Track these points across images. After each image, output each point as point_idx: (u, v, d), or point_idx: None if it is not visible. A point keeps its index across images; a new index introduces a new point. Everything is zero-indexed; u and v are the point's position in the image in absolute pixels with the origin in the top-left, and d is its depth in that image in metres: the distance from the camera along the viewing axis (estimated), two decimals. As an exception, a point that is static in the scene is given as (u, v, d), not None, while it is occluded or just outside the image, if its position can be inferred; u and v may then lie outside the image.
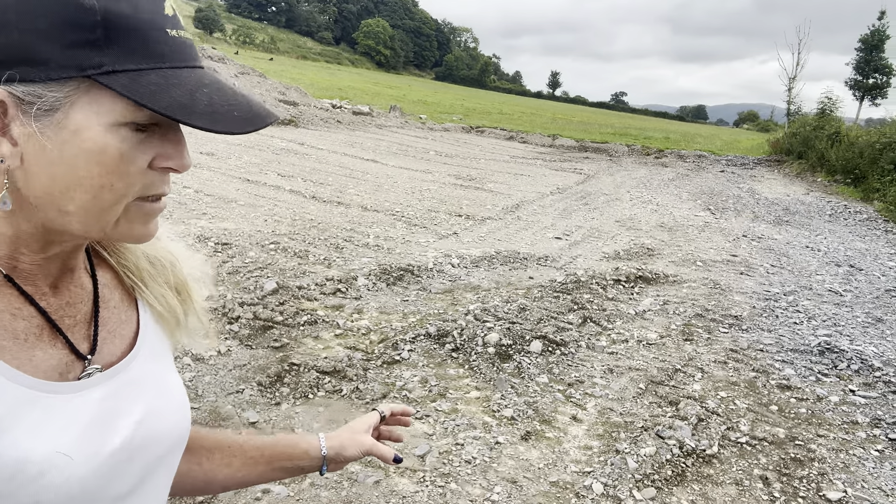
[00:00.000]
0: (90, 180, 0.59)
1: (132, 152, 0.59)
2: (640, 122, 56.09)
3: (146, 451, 0.70)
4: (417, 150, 15.50)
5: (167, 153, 0.62)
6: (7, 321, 0.62)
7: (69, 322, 0.68)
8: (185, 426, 0.77)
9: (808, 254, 8.18)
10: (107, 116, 0.58)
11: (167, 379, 0.77)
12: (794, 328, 5.24)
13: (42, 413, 0.60)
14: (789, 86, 28.78)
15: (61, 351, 0.66)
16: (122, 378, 0.70)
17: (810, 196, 14.40)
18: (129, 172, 0.60)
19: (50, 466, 0.59)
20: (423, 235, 7.14)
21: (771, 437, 3.43)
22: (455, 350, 4.09)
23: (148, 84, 0.57)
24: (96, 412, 0.65)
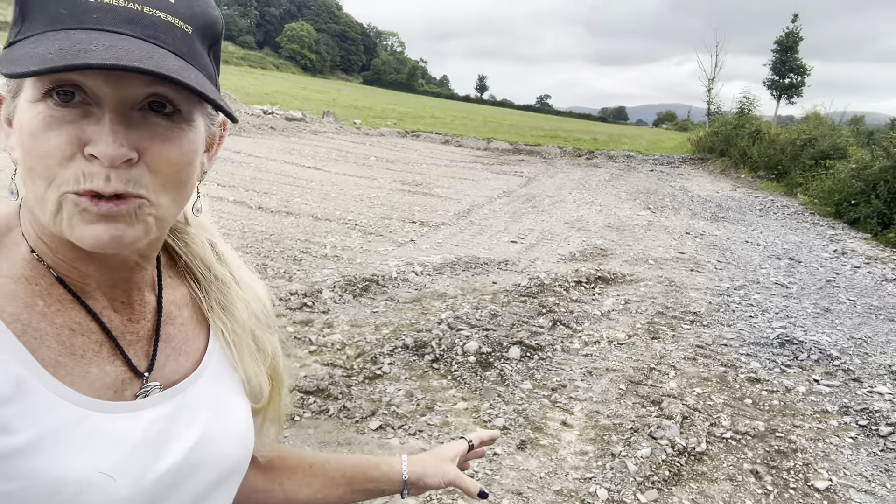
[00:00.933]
0: (23, 162, 0.57)
1: (44, 130, 0.54)
2: (567, 123, 57.49)
3: (196, 477, 0.67)
4: (357, 155, 15.30)
5: (93, 138, 0.54)
6: (66, 337, 0.61)
7: (131, 339, 0.66)
8: (242, 454, 0.73)
9: (749, 248, 8.55)
10: (28, 93, 0.56)
11: (229, 403, 0.73)
12: (750, 322, 5.44)
13: (87, 432, 0.59)
14: (709, 86, 30.22)
15: (119, 368, 0.64)
16: (180, 399, 0.68)
17: (738, 192, 15.12)
18: (42, 153, 0.54)
19: (88, 486, 0.57)
20: (381, 244, 7.02)
21: (752, 431, 3.53)
22: (435, 361, 4.02)
23: (20, 48, 0.54)
24: (147, 434, 0.63)
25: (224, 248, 0.79)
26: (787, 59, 28.41)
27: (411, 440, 3.15)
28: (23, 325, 0.58)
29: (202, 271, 0.76)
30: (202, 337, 0.74)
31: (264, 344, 0.78)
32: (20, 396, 0.55)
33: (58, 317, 0.61)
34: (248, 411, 0.76)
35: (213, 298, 0.75)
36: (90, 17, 0.54)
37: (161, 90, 0.57)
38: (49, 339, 0.59)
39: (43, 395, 0.57)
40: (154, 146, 0.57)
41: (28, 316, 0.59)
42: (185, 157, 0.60)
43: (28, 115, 0.55)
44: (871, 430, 3.65)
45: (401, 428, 3.25)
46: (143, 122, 0.57)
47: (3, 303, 0.58)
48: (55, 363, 0.59)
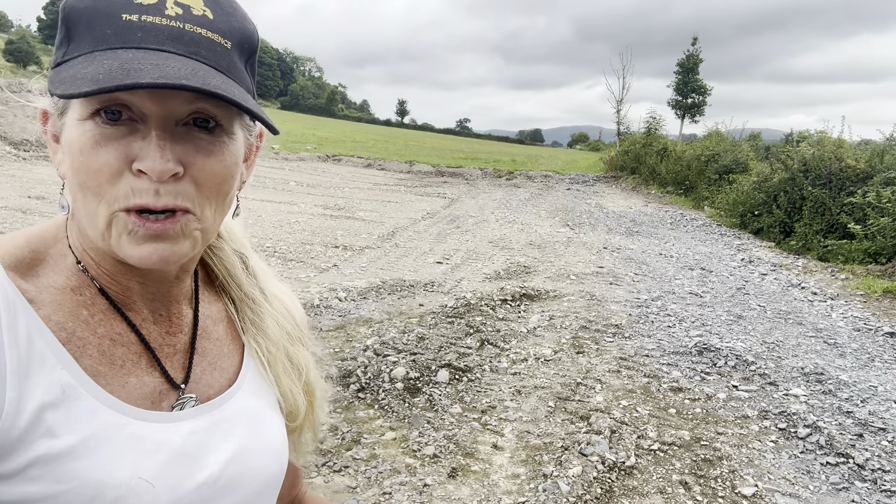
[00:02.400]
0: (73, 179, 0.59)
1: (93, 147, 0.56)
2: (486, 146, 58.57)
3: (233, 490, 0.68)
4: (276, 180, 14.93)
5: (141, 154, 0.57)
6: (107, 347, 0.63)
7: (168, 351, 0.68)
8: (277, 469, 0.74)
9: (663, 260, 8.85)
10: (76, 112, 0.58)
11: (265, 418, 0.75)
12: (669, 332, 5.58)
13: (128, 439, 0.60)
14: (618, 108, 31.54)
15: (157, 379, 0.66)
16: (217, 414, 0.69)
17: (649, 207, 15.74)
18: (93, 169, 0.57)
19: (129, 491, 0.58)
20: (302, 270, 6.80)
21: (678, 441, 3.57)
22: (361, 390, 3.87)
23: (69, 68, 0.55)
24: (185, 444, 0.65)
25: (254, 261, 0.82)
26: (688, 80, 30.05)
27: (336, 477, 2.99)
28: (68, 333, 0.61)
29: (234, 288, 0.78)
30: (237, 354, 0.75)
31: (298, 359, 0.81)
32: (65, 402, 0.58)
33: (100, 327, 0.63)
34: (282, 427, 0.77)
35: (245, 317, 0.77)
36: (135, 37, 0.56)
37: (203, 106, 0.59)
38: (91, 348, 0.62)
39: (87, 401, 0.59)
40: (198, 160, 0.59)
41: (73, 325, 0.61)
42: (228, 170, 0.63)
43: (77, 133, 0.57)
44: (790, 432, 3.77)
45: (325, 465, 3.08)
46: (187, 137, 0.59)
47: (51, 311, 0.60)
48: (96, 372, 0.61)
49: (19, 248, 0.63)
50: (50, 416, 0.57)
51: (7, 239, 0.64)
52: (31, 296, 0.60)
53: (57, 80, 0.55)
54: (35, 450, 0.56)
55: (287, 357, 0.79)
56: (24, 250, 0.63)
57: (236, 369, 0.75)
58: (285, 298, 0.83)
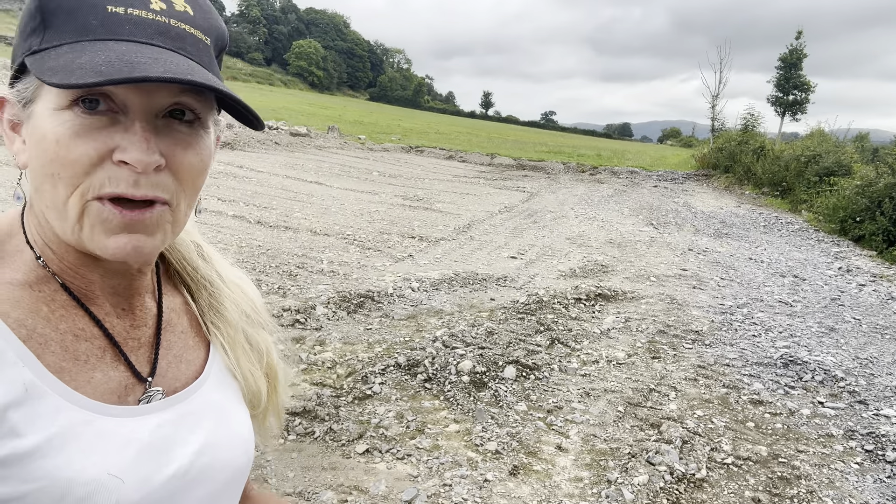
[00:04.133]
0: (42, 170, 0.57)
1: (71, 137, 0.56)
2: (571, 140, 57.56)
3: (202, 483, 0.68)
4: (360, 170, 15.27)
5: (123, 145, 0.56)
6: (70, 342, 0.62)
7: (133, 345, 0.67)
8: (245, 461, 0.74)
9: (752, 266, 8.42)
10: (51, 101, 0.57)
11: (231, 410, 0.74)
12: (753, 341, 5.31)
13: (96, 435, 0.60)
14: (713, 103, 30.18)
15: (123, 373, 0.65)
16: (184, 406, 0.69)
17: (742, 209, 14.99)
18: (70, 159, 0.56)
19: (99, 487, 0.58)
20: (379, 259, 6.93)
21: (755, 456, 3.40)
22: (428, 380, 3.91)
23: (56, 56, 0.54)
24: (152, 438, 0.64)
25: (208, 248, 0.82)
26: (791, 76, 28.33)
27: (399, 465, 3.04)
28: (27, 330, 0.59)
29: (190, 274, 0.78)
30: (202, 346, 0.75)
31: (257, 342, 0.79)
32: (28, 400, 0.57)
33: (62, 322, 0.62)
34: (248, 419, 0.77)
35: (203, 301, 0.77)
36: (123, 29, 0.56)
37: (186, 100, 0.59)
38: (53, 344, 0.61)
39: (50, 398, 0.58)
40: (178, 152, 0.60)
41: (32, 321, 0.60)
42: (204, 163, 0.63)
43: (52, 123, 0.56)
44: (877, 455, 3.51)
45: (388, 452, 3.14)
46: (167, 130, 0.59)
47: (8, 308, 0.59)
48: (59, 368, 0.60)
49: None
50: (13, 415, 0.55)
51: None
52: None
53: (45, 69, 0.53)
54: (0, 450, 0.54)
55: (246, 339, 0.78)
56: None
57: (202, 362, 0.74)
58: (241, 283, 0.83)
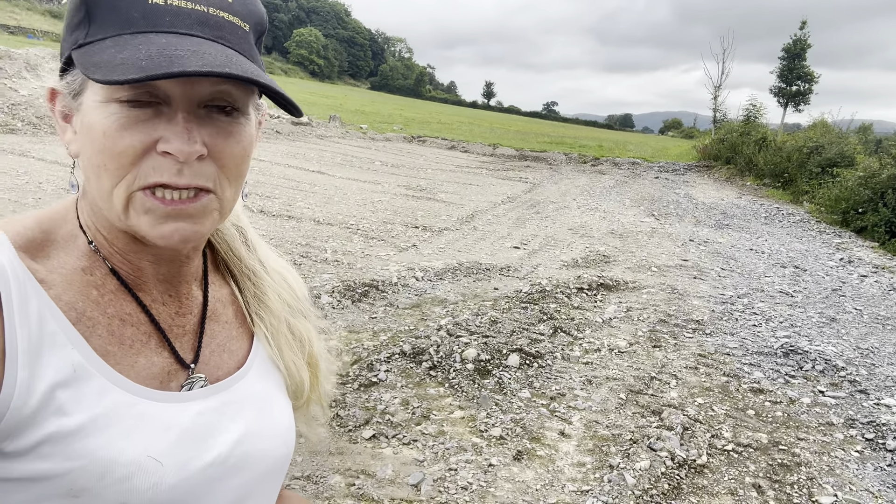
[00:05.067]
0: (90, 160, 0.59)
1: (118, 130, 0.57)
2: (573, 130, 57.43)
3: (242, 471, 0.69)
4: (362, 160, 15.28)
5: (167, 136, 0.58)
6: (116, 326, 0.63)
7: (178, 331, 0.69)
8: (284, 452, 0.75)
9: (753, 256, 8.46)
10: (98, 94, 0.58)
11: (273, 401, 0.76)
12: (754, 331, 5.36)
13: (138, 418, 0.61)
14: (715, 94, 30.11)
15: (166, 360, 0.66)
16: (226, 395, 0.70)
17: (743, 199, 15.01)
18: (116, 151, 0.57)
19: (138, 469, 0.59)
20: (383, 248, 6.97)
21: (755, 443, 3.45)
22: (432, 368, 3.96)
23: (100, 51, 0.56)
24: (193, 424, 0.65)
25: (252, 234, 0.82)
26: (794, 67, 28.23)
27: (405, 450, 3.09)
28: (77, 313, 0.61)
29: (235, 264, 0.79)
30: (246, 337, 0.76)
31: (300, 331, 0.80)
32: (76, 381, 0.59)
33: (110, 307, 0.64)
34: (290, 411, 0.78)
35: (248, 292, 0.78)
36: (164, 21, 0.57)
37: (226, 89, 0.61)
38: (101, 328, 0.62)
39: (96, 380, 0.60)
40: (219, 142, 0.61)
41: (83, 305, 0.62)
42: (246, 151, 0.65)
43: (100, 116, 0.57)
44: (877, 443, 3.56)
45: (395, 437, 3.19)
46: (208, 120, 0.61)
47: (61, 291, 0.61)
48: (106, 352, 0.62)
49: (30, 228, 0.63)
50: (61, 394, 0.57)
51: (17, 220, 0.64)
52: (41, 276, 0.61)
53: (90, 64, 0.55)
54: (46, 427, 0.56)
55: (289, 329, 0.79)
56: (34, 231, 0.63)
57: (245, 353, 0.75)
58: (284, 272, 0.84)
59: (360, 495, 2.69)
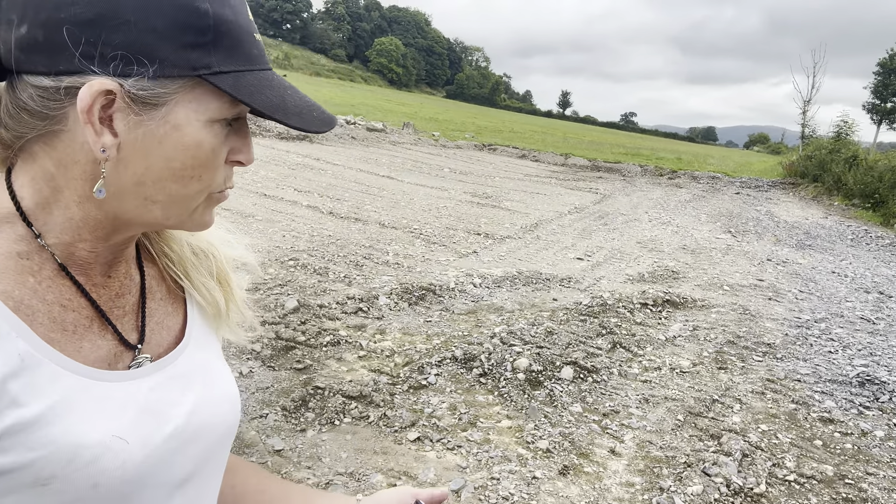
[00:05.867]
0: (184, 171, 0.62)
1: (220, 147, 0.64)
2: (651, 142, 56.02)
3: (199, 440, 0.71)
4: (432, 166, 15.42)
5: (238, 147, 0.66)
6: (57, 313, 0.63)
7: (118, 313, 0.69)
8: (233, 418, 0.78)
9: (835, 279, 7.99)
10: (206, 113, 0.61)
11: (216, 370, 0.78)
12: (829, 357, 5.05)
13: (96, 399, 0.62)
14: (804, 109, 28.66)
15: (110, 342, 0.67)
16: (172, 369, 0.71)
17: (829, 220, 14.20)
18: (216, 165, 0.64)
19: (105, 450, 0.60)
20: (443, 254, 7.00)
21: (819, 475, 3.25)
22: (483, 375, 3.94)
23: (248, 84, 0.62)
24: (148, 400, 0.67)
25: None
26: (889, 83, 26.52)
27: (448, 455, 3.08)
28: (15, 301, 0.60)
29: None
30: (180, 312, 0.78)
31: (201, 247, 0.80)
32: (25, 370, 0.58)
33: (48, 293, 0.63)
34: (232, 377, 0.80)
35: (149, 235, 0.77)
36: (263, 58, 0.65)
37: None
38: (41, 315, 0.61)
39: (47, 366, 0.59)
40: None
41: (19, 293, 0.60)
42: None
43: (208, 135, 0.62)
44: (959, 486, 3.28)
45: (439, 441, 3.19)
46: None
47: None
48: (49, 339, 0.61)
49: None
50: (13, 385, 0.57)
51: None
52: None
53: (264, 104, 0.62)
54: (3, 421, 0.56)
55: (191, 251, 0.79)
56: None
57: (181, 326, 0.77)
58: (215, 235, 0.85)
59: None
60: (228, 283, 0.83)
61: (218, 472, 0.78)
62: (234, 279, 0.84)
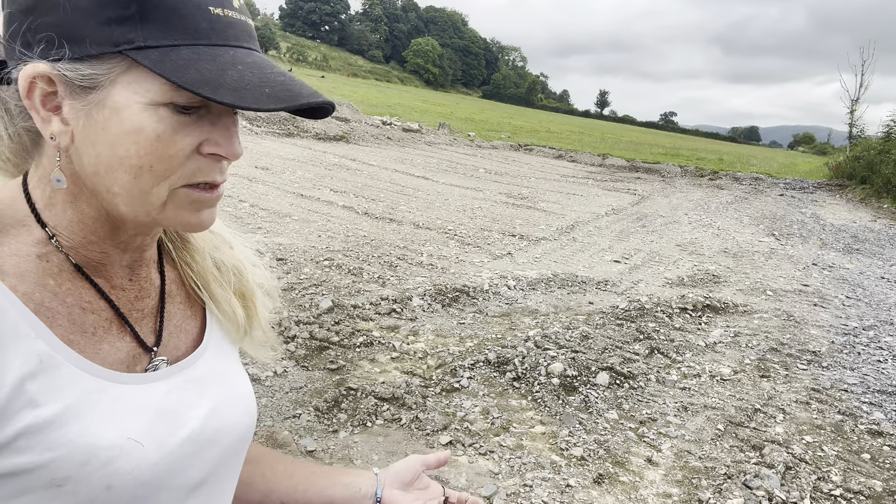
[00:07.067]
0: (129, 160, 0.58)
1: (171, 134, 0.58)
2: (691, 142, 54.98)
3: (214, 444, 0.70)
4: (467, 167, 15.39)
5: (215, 139, 0.61)
6: (77, 315, 0.63)
7: (137, 315, 0.69)
8: (250, 422, 0.77)
9: (884, 285, 7.68)
10: (145, 96, 0.57)
11: (233, 375, 0.78)
12: (878, 367, 4.85)
13: (112, 401, 0.62)
14: (851, 108, 27.75)
15: (129, 344, 0.67)
16: (189, 373, 0.71)
17: (878, 223, 13.70)
18: (168, 155, 0.59)
19: (120, 452, 0.60)
20: (477, 255, 6.96)
21: (867, 490, 3.11)
22: (516, 379, 3.89)
23: (178, 59, 0.56)
24: (164, 403, 0.66)
25: None
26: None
27: (480, 460, 3.04)
28: (35, 304, 0.60)
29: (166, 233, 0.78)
30: (199, 316, 0.77)
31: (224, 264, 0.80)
32: (44, 371, 0.58)
33: (68, 296, 0.63)
34: (248, 382, 0.80)
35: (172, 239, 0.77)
36: (228, 33, 0.59)
37: None
38: (61, 317, 0.62)
39: (65, 368, 0.59)
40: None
41: (40, 295, 0.61)
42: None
43: (151, 119, 0.57)
44: None
45: (471, 446, 3.15)
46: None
47: (16, 282, 0.60)
48: (69, 341, 0.61)
49: None
50: (31, 386, 0.57)
51: None
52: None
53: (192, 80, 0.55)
54: (20, 421, 0.56)
55: (215, 265, 0.78)
56: None
57: (199, 331, 0.76)
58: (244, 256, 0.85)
59: None
60: (253, 300, 0.82)
61: (232, 476, 0.78)
62: (260, 299, 0.83)
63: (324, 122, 17.25)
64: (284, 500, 0.91)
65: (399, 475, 0.96)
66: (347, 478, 0.93)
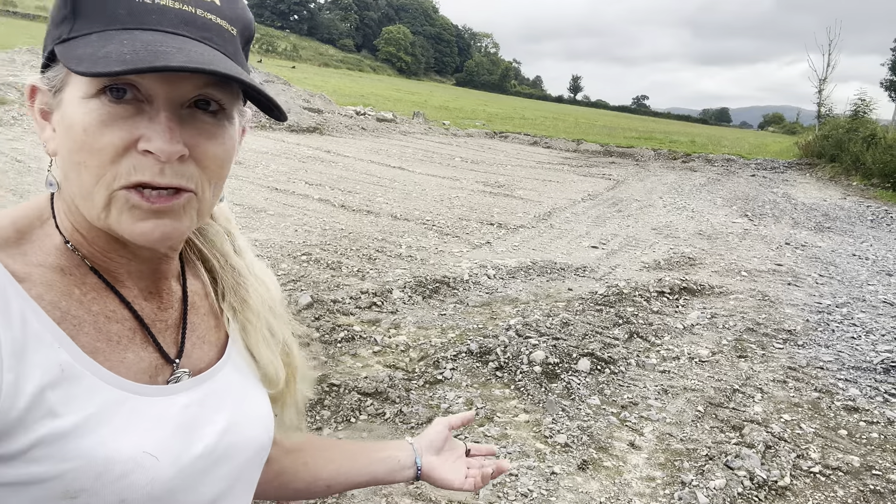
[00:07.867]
0: (69, 158, 0.59)
1: (99, 126, 0.57)
2: (664, 125, 55.43)
3: (229, 460, 0.70)
4: (443, 156, 15.34)
5: (149, 134, 0.57)
6: (102, 323, 0.63)
7: (161, 326, 0.69)
8: (265, 438, 0.76)
9: (855, 262, 7.85)
10: (79, 89, 0.57)
11: (251, 390, 0.77)
12: (852, 343, 4.96)
13: (130, 414, 0.61)
14: (819, 87, 28.17)
15: (152, 354, 0.67)
16: (209, 386, 0.71)
17: (848, 201, 13.98)
18: (96, 148, 0.57)
19: (135, 466, 0.59)
20: (456, 245, 6.95)
21: (845, 466, 3.18)
22: (499, 368, 3.90)
23: (84, 45, 0.55)
24: (182, 417, 0.66)
25: (240, 239, 0.83)
26: (910, 57, 25.98)
27: (466, 451, 3.05)
28: (61, 312, 0.60)
29: (218, 260, 0.79)
30: (222, 328, 0.77)
31: (278, 334, 0.80)
32: (65, 381, 0.58)
33: (94, 305, 0.63)
34: (266, 399, 0.79)
35: (228, 287, 0.78)
36: (150, 19, 0.57)
37: (211, 91, 0.61)
38: (87, 325, 0.62)
39: (86, 379, 0.59)
40: (202, 143, 0.61)
41: (66, 304, 0.61)
42: (228, 153, 0.64)
43: (80, 112, 0.57)
44: None
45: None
46: (191, 120, 0.60)
47: (42, 291, 0.60)
48: (94, 349, 0.61)
49: (4, 227, 0.62)
50: (51, 395, 0.56)
51: None
52: (21, 275, 0.60)
53: (72, 57, 0.55)
54: (37, 430, 0.56)
55: (269, 329, 0.79)
56: (8, 230, 0.62)
57: (222, 344, 0.76)
58: (266, 277, 0.84)
59: (417, 495, 2.67)
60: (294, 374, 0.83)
61: (247, 492, 0.77)
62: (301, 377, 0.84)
63: (296, 113, 17.04)
64: (330, 484, 0.94)
65: (433, 443, 1.03)
66: (385, 452, 0.98)
